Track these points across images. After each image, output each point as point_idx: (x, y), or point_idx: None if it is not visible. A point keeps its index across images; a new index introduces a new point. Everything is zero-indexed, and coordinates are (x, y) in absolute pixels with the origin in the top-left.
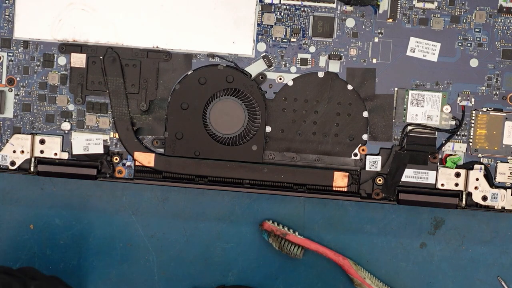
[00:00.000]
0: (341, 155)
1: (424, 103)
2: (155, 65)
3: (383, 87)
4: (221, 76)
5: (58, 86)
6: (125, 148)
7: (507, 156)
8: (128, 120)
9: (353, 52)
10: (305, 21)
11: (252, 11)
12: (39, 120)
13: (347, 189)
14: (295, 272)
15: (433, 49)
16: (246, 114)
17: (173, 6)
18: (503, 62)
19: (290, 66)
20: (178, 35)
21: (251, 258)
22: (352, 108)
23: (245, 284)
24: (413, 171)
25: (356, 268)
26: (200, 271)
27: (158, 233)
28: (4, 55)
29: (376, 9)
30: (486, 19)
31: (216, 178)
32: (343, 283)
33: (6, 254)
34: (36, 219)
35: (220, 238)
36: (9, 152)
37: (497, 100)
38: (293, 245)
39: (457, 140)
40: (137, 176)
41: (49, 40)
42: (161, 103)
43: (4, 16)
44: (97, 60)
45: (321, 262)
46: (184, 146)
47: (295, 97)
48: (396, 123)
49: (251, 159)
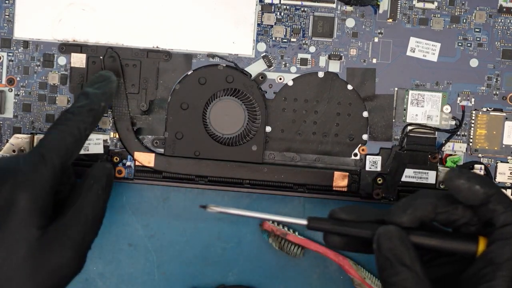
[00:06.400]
0: (341, 155)
1: (424, 103)
2: (155, 65)
3: (383, 87)
4: (221, 76)
5: (58, 86)
6: (125, 148)
7: (507, 156)
8: (128, 120)
9: (353, 52)
10: (305, 21)
11: (252, 11)
12: (39, 120)
13: (347, 189)
14: (295, 272)
15: (433, 49)
16: (246, 114)
17: (173, 6)
18: (503, 62)
19: (290, 66)
20: (178, 35)
21: (251, 258)
22: (352, 108)
23: (245, 284)
24: (413, 171)
25: (356, 268)
26: (200, 271)
27: (158, 233)
28: (4, 55)
29: (376, 9)
30: (486, 19)
31: (216, 178)
32: (343, 283)
33: None
34: None
35: (220, 238)
36: (9, 152)
37: (497, 100)
38: (293, 245)
39: (457, 140)
40: (137, 176)
41: (49, 40)
42: (161, 103)
43: (4, 16)
44: (97, 60)
45: (321, 262)
46: (184, 146)
47: (295, 97)
48: (396, 123)
49: (251, 159)
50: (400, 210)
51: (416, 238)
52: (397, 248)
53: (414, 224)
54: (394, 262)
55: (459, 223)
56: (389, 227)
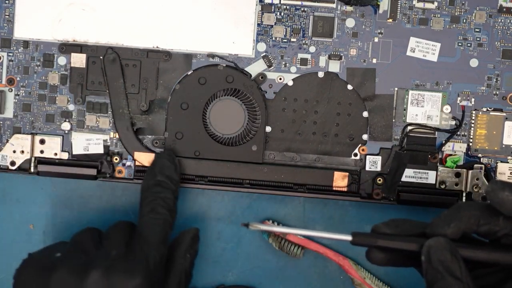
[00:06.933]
0: (341, 155)
1: (424, 103)
2: (155, 65)
3: (383, 87)
4: (221, 76)
5: (58, 86)
6: (125, 148)
7: (507, 156)
8: (128, 120)
9: (353, 52)
10: (305, 21)
11: (252, 11)
12: (39, 120)
13: (347, 189)
14: (295, 272)
15: (433, 49)
16: (246, 114)
17: (173, 6)
18: (503, 62)
19: (290, 66)
20: (178, 35)
21: (251, 258)
22: (352, 108)
23: (244, 284)
24: (413, 171)
25: (356, 268)
26: (200, 271)
27: None
28: (4, 55)
29: (376, 9)
30: (486, 19)
31: (216, 178)
32: (343, 283)
33: (6, 254)
34: (36, 219)
35: (219, 238)
36: (9, 152)
37: (497, 100)
38: (293, 245)
39: (457, 140)
40: (137, 176)
41: (49, 40)
42: (161, 103)
43: (4, 16)
44: (97, 60)
45: (321, 262)
46: (184, 146)
47: (295, 97)
48: (396, 123)
49: (251, 159)
50: (444, 222)
51: (463, 251)
52: (448, 260)
53: (457, 237)
54: (445, 275)
55: (499, 234)
56: (439, 239)
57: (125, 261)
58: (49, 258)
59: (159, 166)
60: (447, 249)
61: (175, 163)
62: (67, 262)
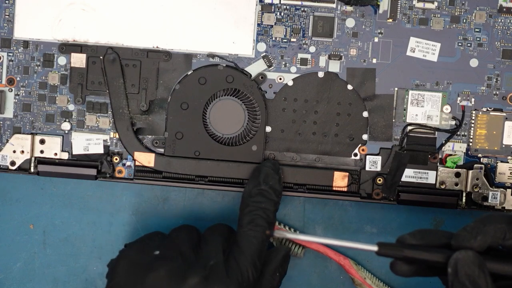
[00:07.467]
0: (341, 155)
1: (424, 103)
2: (155, 65)
3: (383, 87)
4: (221, 76)
5: (58, 86)
6: (125, 148)
7: (507, 156)
8: (128, 120)
9: (353, 52)
10: (305, 21)
11: (252, 11)
12: (39, 120)
13: (347, 189)
14: (295, 272)
15: (433, 49)
16: (246, 114)
17: (173, 6)
18: (503, 62)
19: (290, 66)
20: (178, 35)
21: None
22: (352, 108)
23: None
24: (413, 171)
25: (356, 268)
26: None
27: None
28: (4, 55)
29: (376, 9)
30: (486, 19)
31: (216, 178)
32: (344, 283)
33: (6, 254)
34: (36, 219)
35: None
36: (9, 152)
37: (497, 100)
38: (294, 244)
39: (457, 140)
40: (137, 176)
41: (49, 40)
42: (161, 103)
43: (4, 16)
44: (97, 60)
45: (321, 262)
46: (184, 146)
47: (295, 97)
48: (396, 123)
49: (251, 159)
50: (470, 235)
51: (491, 264)
52: (476, 275)
53: (482, 249)
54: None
55: None
56: (467, 252)
57: (222, 272)
58: (147, 255)
59: (264, 175)
60: (475, 264)
61: (280, 174)
62: (165, 265)
